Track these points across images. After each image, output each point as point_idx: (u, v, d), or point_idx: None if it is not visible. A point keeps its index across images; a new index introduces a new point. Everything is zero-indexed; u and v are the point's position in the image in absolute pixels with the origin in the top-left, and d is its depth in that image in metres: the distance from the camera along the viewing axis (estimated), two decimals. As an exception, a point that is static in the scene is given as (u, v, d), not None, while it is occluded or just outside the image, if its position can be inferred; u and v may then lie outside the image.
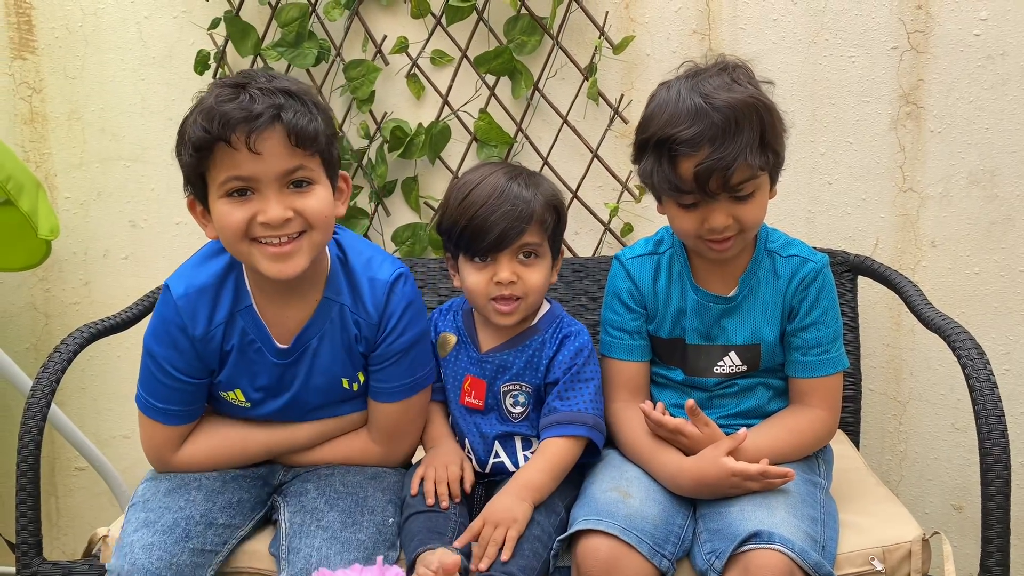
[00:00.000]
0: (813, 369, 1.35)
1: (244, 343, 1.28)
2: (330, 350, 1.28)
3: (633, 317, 1.40)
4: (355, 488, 1.31)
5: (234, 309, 1.26)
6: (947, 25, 1.76)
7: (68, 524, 2.16)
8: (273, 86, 1.17)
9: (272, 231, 1.17)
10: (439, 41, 1.85)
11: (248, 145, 1.13)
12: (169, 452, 1.32)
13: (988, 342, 1.79)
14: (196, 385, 1.31)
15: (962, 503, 1.91)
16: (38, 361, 2.05)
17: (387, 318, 1.27)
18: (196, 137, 1.15)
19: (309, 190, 1.19)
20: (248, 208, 1.17)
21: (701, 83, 1.27)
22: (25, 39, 1.96)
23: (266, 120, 1.14)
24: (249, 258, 1.20)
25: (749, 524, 1.18)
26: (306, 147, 1.17)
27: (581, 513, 1.24)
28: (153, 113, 1.95)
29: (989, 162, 1.80)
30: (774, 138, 1.28)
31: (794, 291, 1.35)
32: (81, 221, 2.01)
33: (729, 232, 1.29)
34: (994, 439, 1.26)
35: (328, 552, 1.20)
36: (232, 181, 1.16)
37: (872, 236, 1.85)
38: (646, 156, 1.30)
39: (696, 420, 1.29)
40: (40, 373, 1.46)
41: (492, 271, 1.32)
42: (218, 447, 1.32)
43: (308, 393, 1.31)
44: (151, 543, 1.19)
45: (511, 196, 1.30)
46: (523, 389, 1.38)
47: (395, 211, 1.93)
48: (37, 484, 1.40)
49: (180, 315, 1.26)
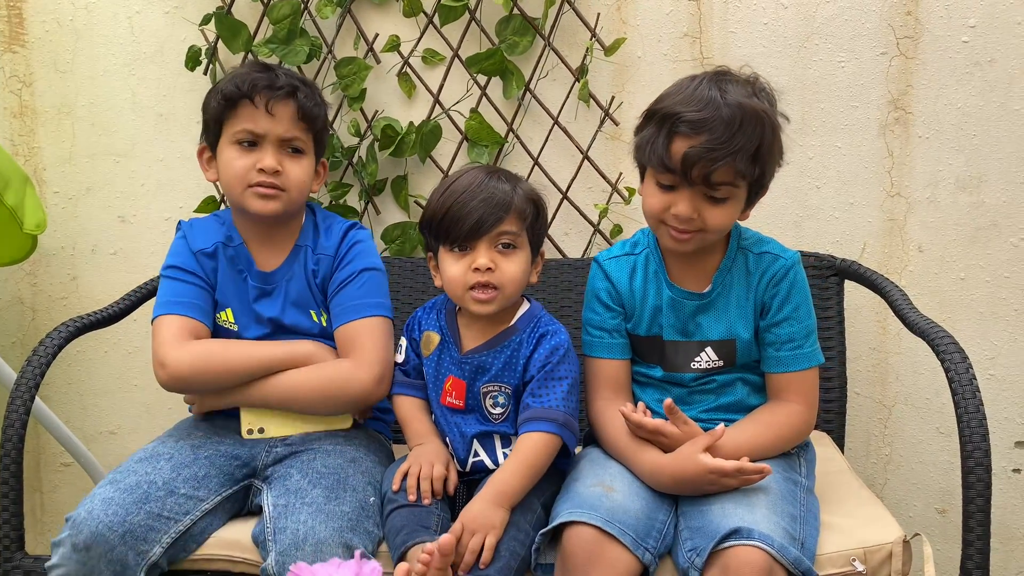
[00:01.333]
0: (787, 364, 1.37)
1: (233, 267, 1.53)
2: (297, 286, 1.52)
3: (612, 316, 1.43)
4: (336, 470, 1.37)
5: (227, 243, 1.53)
6: (936, 31, 1.78)
7: (53, 520, 2.15)
8: (292, 74, 1.51)
9: (264, 176, 1.45)
10: (431, 40, 1.86)
11: (267, 107, 1.44)
12: (171, 347, 1.43)
13: (973, 347, 1.81)
14: (201, 284, 1.50)
15: (946, 507, 1.92)
16: (24, 356, 2.04)
17: (341, 250, 1.52)
18: (228, 91, 1.45)
19: (298, 157, 1.49)
20: (251, 158, 1.46)
21: (724, 82, 1.31)
22: (16, 32, 1.95)
23: (284, 92, 1.45)
24: (241, 198, 1.47)
25: (729, 521, 1.19)
26: (307, 123, 1.48)
27: (564, 507, 1.25)
28: (143, 108, 1.95)
29: (976, 168, 1.81)
30: (768, 157, 1.31)
31: (765, 287, 1.38)
32: (70, 216, 2.01)
33: (690, 226, 1.31)
34: (975, 443, 1.28)
35: (314, 523, 1.25)
36: (244, 132, 1.46)
37: (859, 240, 1.86)
38: (648, 127, 1.33)
39: (675, 419, 1.31)
40: (24, 366, 1.46)
41: (470, 259, 1.34)
42: (204, 350, 1.45)
43: (285, 319, 1.51)
44: (110, 498, 1.28)
45: (490, 186, 1.35)
46: (502, 390, 1.38)
47: (385, 210, 1.93)
48: (20, 478, 1.40)
49: (185, 237, 1.54)
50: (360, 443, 1.47)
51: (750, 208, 1.37)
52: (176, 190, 1.97)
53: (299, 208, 1.53)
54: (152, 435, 1.65)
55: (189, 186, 1.95)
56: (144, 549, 1.26)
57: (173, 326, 1.45)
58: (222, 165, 1.48)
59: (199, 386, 1.47)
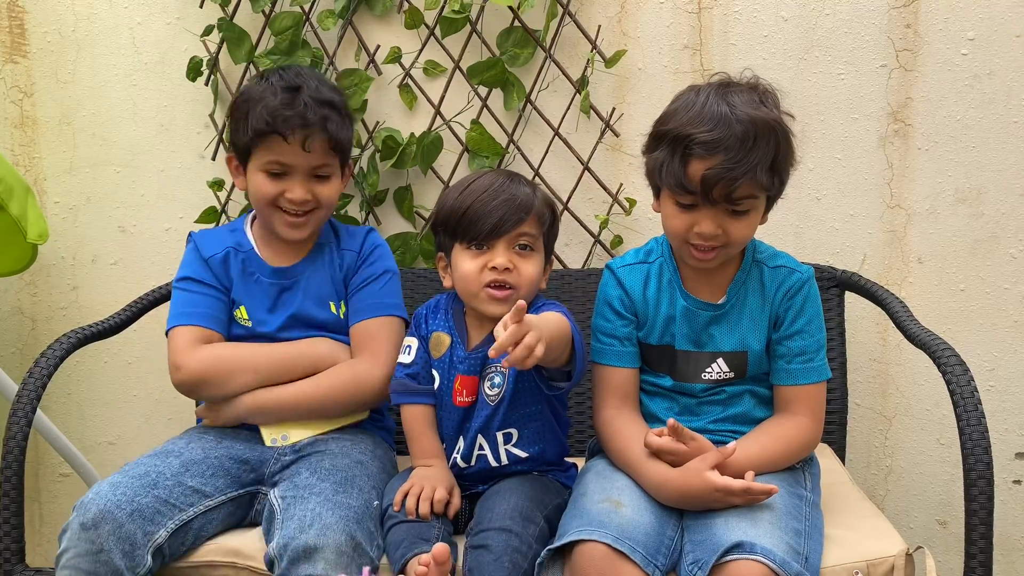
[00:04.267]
0: (797, 377, 1.38)
1: (245, 270, 1.57)
2: (320, 279, 1.56)
3: (623, 324, 1.42)
4: (344, 469, 1.39)
5: (237, 248, 1.57)
6: (935, 44, 1.79)
7: (51, 531, 2.14)
8: (320, 97, 1.49)
9: (294, 206, 1.50)
10: (432, 52, 1.86)
11: (303, 146, 1.47)
12: (186, 353, 1.47)
13: (973, 358, 1.81)
14: (213, 293, 1.54)
15: (947, 518, 1.92)
16: (24, 366, 2.03)
17: (365, 250, 1.58)
18: (259, 128, 1.46)
19: (327, 181, 1.53)
20: (279, 185, 1.50)
21: (730, 94, 1.30)
22: (17, 43, 1.96)
23: (316, 128, 1.47)
24: (270, 220, 1.53)
25: (732, 535, 1.19)
26: (336, 151, 1.52)
27: (573, 524, 1.24)
28: (144, 119, 1.95)
29: (975, 180, 1.82)
30: (784, 165, 1.32)
31: (780, 300, 1.39)
32: (70, 226, 2.01)
33: (715, 242, 1.32)
34: (977, 455, 1.28)
35: (321, 511, 1.27)
36: (274, 164, 1.49)
37: (859, 252, 1.86)
38: (660, 148, 1.32)
39: (681, 437, 1.30)
40: (26, 379, 1.45)
41: (487, 258, 1.34)
42: (215, 352, 1.50)
43: (303, 311, 1.54)
44: (118, 482, 1.31)
45: (511, 188, 1.36)
46: (499, 369, 1.38)
47: (386, 220, 1.93)
48: (21, 490, 1.40)
49: (196, 246, 1.58)
50: (366, 447, 1.48)
51: (768, 212, 1.38)
52: (177, 201, 1.97)
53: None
54: (152, 445, 1.64)
55: (190, 197, 1.95)
56: (151, 530, 1.27)
57: (186, 335, 1.49)
58: (251, 186, 1.52)
59: (213, 387, 1.48)
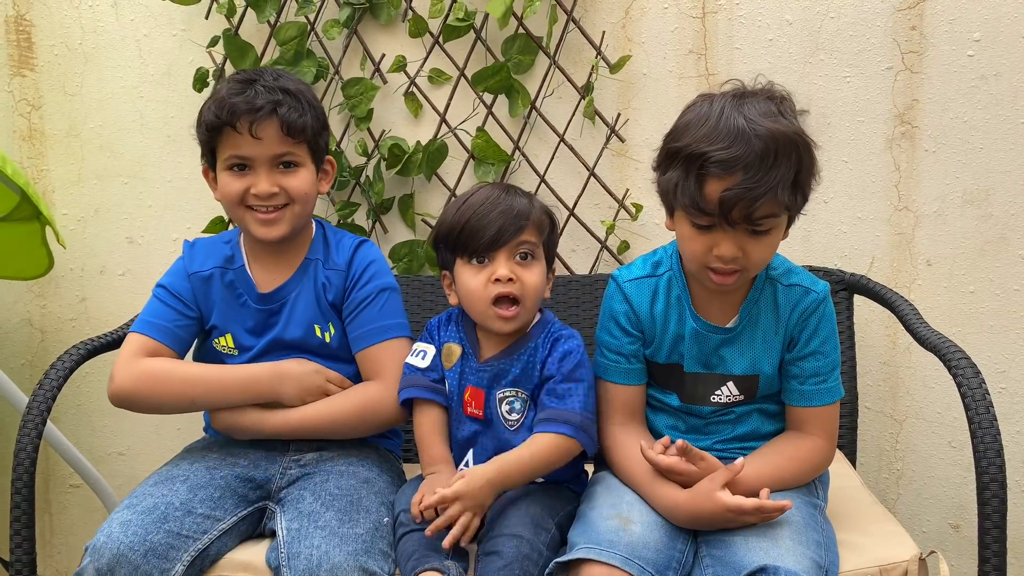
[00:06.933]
0: (811, 398, 1.33)
1: (232, 292, 1.51)
2: (304, 301, 1.50)
3: (630, 341, 1.38)
4: (349, 491, 1.36)
5: (227, 265, 1.52)
6: (941, 46, 1.78)
7: (62, 542, 2.15)
8: (276, 84, 1.44)
9: (261, 201, 1.44)
10: (437, 60, 1.87)
11: (250, 132, 1.40)
12: (123, 363, 1.42)
13: (983, 361, 1.80)
14: (183, 310, 1.49)
15: (959, 522, 1.91)
16: (33, 377, 2.04)
17: (353, 269, 1.51)
18: (209, 120, 1.43)
19: (295, 171, 1.46)
20: (244, 181, 1.44)
21: (746, 105, 1.20)
22: (25, 56, 1.97)
23: (265, 113, 1.40)
24: (243, 221, 1.47)
25: (754, 556, 1.15)
26: (295, 137, 1.44)
27: (581, 540, 1.22)
28: (151, 130, 1.96)
29: (983, 181, 1.81)
30: (807, 180, 1.23)
31: (795, 322, 1.32)
32: (79, 237, 2.01)
33: (735, 265, 1.24)
34: (990, 458, 1.27)
35: (327, 548, 1.24)
36: (233, 158, 1.44)
37: (868, 255, 1.86)
38: (673, 167, 1.23)
39: (690, 458, 1.25)
40: (36, 390, 1.45)
41: (490, 271, 1.34)
42: (150, 369, 1.43)
43: (287, 336, 1.49)
44: (128, 520, 1.27)
45: (507, 200, 1.36)
46: (519, 395, 1.38)
47: (392, 228, 1.93)
48: (32, 502, 1.40)
49: (184, 258, 1.54)
50: (373, 463, 1.46)
51: (789, 227, 1.29)
52: (184, 211, 1.98)
53: (308, 220, 1.52)
54: (161, 456, 1.65)
55: (197, 207, 1.96)
56: (167, 567, 1.25)
57: (136, 344, 1.45)
58: (220, 189, 1.47)
59: (143, 404, 1.43)
